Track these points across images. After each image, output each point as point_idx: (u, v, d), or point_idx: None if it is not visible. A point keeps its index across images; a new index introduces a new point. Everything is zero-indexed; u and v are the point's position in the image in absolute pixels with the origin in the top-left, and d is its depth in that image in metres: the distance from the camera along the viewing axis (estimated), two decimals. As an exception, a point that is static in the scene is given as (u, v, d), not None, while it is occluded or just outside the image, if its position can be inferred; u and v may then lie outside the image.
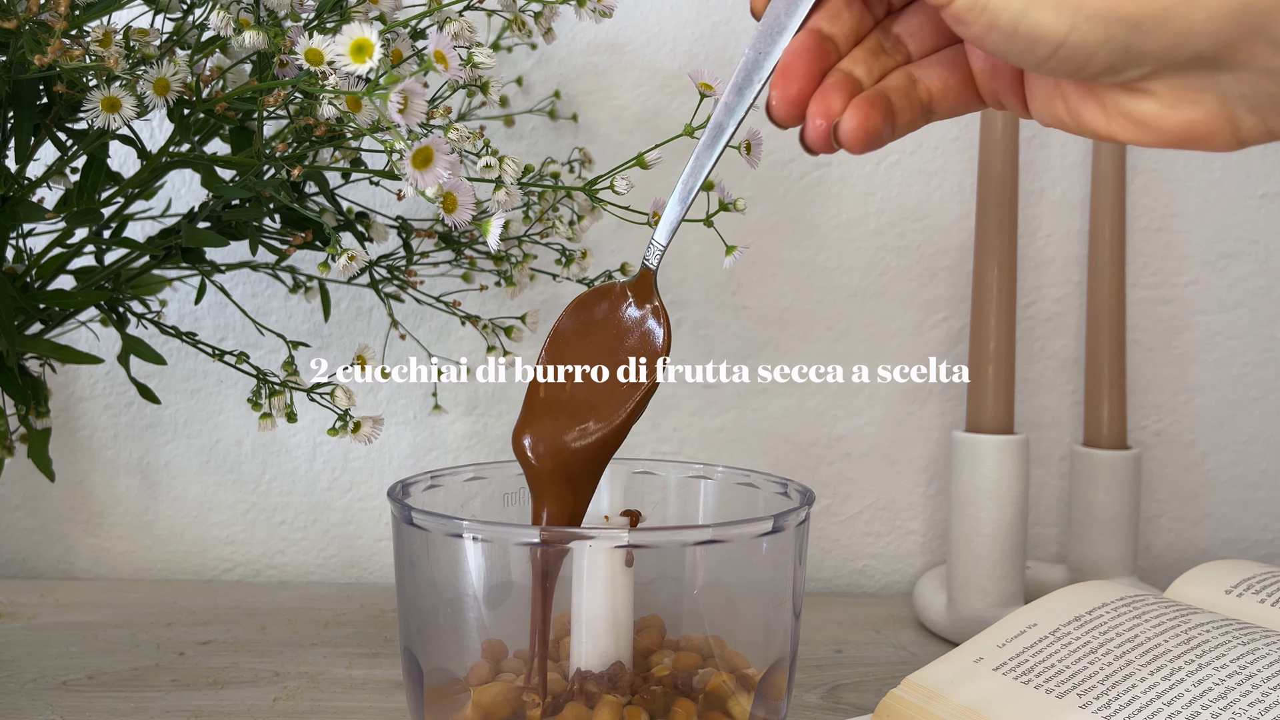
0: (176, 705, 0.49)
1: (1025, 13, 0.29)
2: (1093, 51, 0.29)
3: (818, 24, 0.35)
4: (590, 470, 0.40)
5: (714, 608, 0.41)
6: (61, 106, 0.45)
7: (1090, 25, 0.28)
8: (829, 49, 0.35)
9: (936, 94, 0.36)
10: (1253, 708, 0.37)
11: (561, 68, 0.68)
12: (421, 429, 0.70)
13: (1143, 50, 0.28)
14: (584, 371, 0.41)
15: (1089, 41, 0.29)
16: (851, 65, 0.35)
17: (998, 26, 0.30)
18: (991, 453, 0.59)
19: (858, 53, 0.36)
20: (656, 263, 0.40)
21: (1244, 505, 0.72)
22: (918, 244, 0.70)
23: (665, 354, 0.40)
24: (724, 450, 0.70)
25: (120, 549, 0.70)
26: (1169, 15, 0.28)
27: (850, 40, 0.36)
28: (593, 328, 0.41)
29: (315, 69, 0.38)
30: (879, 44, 0.36)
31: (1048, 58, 0.30)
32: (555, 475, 0.40)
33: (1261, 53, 0.27)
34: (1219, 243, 0.71)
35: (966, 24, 0.31)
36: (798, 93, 0.35)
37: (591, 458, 0.40)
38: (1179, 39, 0.28)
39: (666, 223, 0.39)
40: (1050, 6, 0.29)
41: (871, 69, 0.36)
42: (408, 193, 0.45)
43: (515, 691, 0.39)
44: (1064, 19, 0.29)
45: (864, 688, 0.52)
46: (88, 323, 0.59)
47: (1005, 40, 0.30)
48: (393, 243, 0.61)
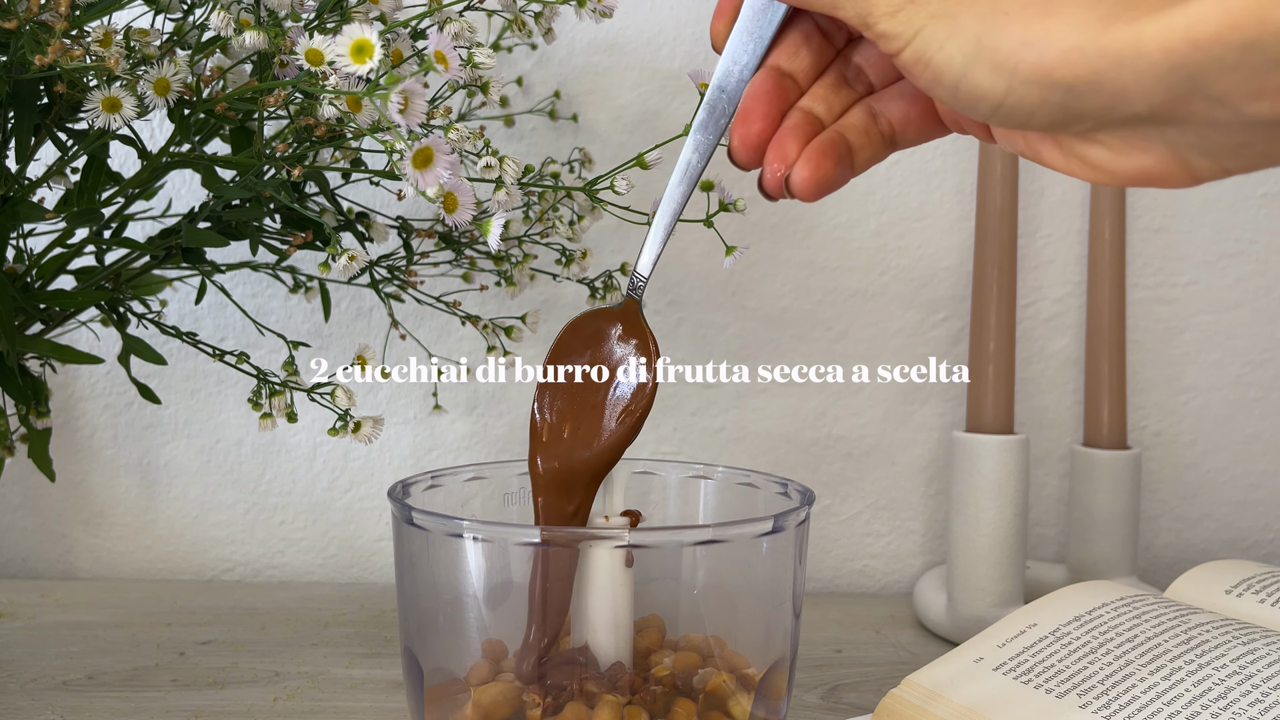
0: (176, 705, 0.49)
1: (964, 74, 0.29)
2: (1032, 111, 0.29)
3: (777, 61, 0.36)
4: (591, 482, 0.42)
5: (714, 608, 0.41)
6: (62, 106, 0.45)
7: (1026, 88, 0.29)
8: (789, 87, 0.36)
9: (898, 125, 0.36)
10: (1253, 708, 0.37)
11: (561, 68, 0.68)
12: (421, 429, 0.70)
13: (1080, 111, 0.28)
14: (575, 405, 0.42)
15: (1027, 102, 0.29)
16: (811, 103, 0.36)
17: (941, 83, 0.30)
18: (991, 453, 0.59)
19: (818, 89, 0.36)
20: (641, 293, 0.41)
21: (1244, 505, 0.72)
22: (918, 244, 0.70)
23: (653, 385, 0.41)
24: (724, 450, 0.70)
25: (120, 549, 0.70)
26: (1101, 79, 0.27)
27: (810, 75, 0.36)
28: (590, 352, 0.43)
29: (315, 69, 0.38)
30: (840, 76, 0.36)
31: (991, 114, 0.30)
32: (553, 486, 0.42)
33: (1199, 109, 0.27)
34: (1219, 243, 0.71)
35: (914, 76, 0.31)
36: (757, 136, 0.35)
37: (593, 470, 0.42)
38: (1114, 101, 0.28)
39: (647, 256, 0.40)
40: (987, 68, 0.29)
41: (832, 105, 0.36)
42: (408, 193, 0.45)
43: (515, 691, 0.39)
44: (1000, 81, 0.29)
45: (864, 688, 0.52)
46: (88, 323, 0.59)
47: (949, 95, 0.30)
48: (393, 243, 0.61)
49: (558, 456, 0.41)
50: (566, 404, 0.42)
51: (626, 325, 0.42)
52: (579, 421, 0.42)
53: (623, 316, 0.42)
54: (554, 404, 0.42)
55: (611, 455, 0.41)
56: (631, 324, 0.42)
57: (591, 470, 0.41)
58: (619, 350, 0.42)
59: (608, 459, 0.41)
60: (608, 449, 0.41)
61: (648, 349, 0.41)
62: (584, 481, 0.42)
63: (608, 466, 0.41)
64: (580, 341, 0.42)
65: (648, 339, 0.42)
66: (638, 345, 0.42)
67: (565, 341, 0.42)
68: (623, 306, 0.42)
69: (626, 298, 0.42)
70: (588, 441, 0.41)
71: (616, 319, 0.42)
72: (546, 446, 0.42)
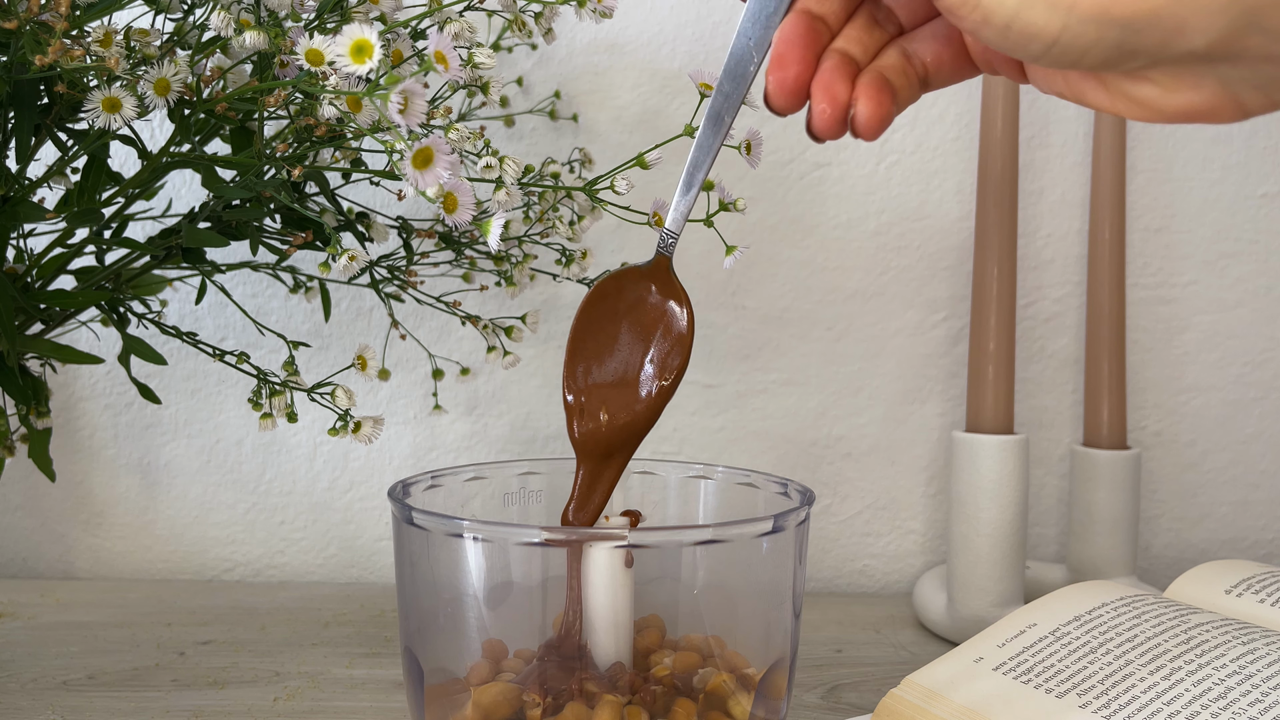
0: (176, 705, 0.49)
1: (1018, 13, 0.29)
2: (1086, 49, 0.29)
3: (806, 4, 0.35)
4: (627, 446, 0.42)
5: (714, 608, 0.41)
6: (62, 106, 0.45)
7: (1083, 26, 0.28)
8: (820, 30, 0.35)
9: (931, 67, 0.35)
10: (1253, 708, 0.37)
11: (561, 68, 0.68)
12: (421, 429, 0.70)
13: (1136, 48, 0.28)
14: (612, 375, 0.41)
15: (1082, 41, 0.29)
16: (845, 44, 0.35)
17: (990, 23, 0.30)
18: (991, 453, 0.59)
19: (849, 30, 0.35)
20: (671, 249, 0.40)
21: (1244, 505, 0.72)
22: (918, 244, 0.70)
23: (690, 336, 0.40)
24: (724, 450, 0.70)
25: (120, 549, 0.70)
26: (1159, 15, 0.27)
27: (840, 18, 0.35)
28: (615, 318, 0.42)
29: (315, 69, 0.38)
30: (870, 18, 0.35)
31: (1042, 54, 0.30)
32: (597, 451, 0.41)
33: (1256, 43, 0.27)
34: (1219, 243, 0.71)
35: (960, 18, 0.31)
36: (795, 80, 0.34)
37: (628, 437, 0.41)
38: (1171, 36, 0.28)
39: (677, 212, 0.39)
40: (1043, 6, 0.29)
41: (866, 46, 0.35)
42: (408, 193, 0.45)
43: (515, 691, 0.39)
44: (1056, 19, 0.29)
45: (864, 688, 0.52)
46: (88, 323, 0.59)
47: (999, 36, 0.30)
48: (393, 243, 0.61)
49: (601, 419, 0.41)
50: (603, 366, 0.41)
51: (658, 283, 0.41)
52: (619, 382, 0.41)
53: (653, 275, 0.41)
54: (590, 368, 0.41)
55: (655, 412, 0.41)
56: (663, 282, 0.41)
57: (638, 430, 0.41)
58: (651, 308, 0.41)
59: (652, 416, 0.41)
60: (652, 406, 0.41)
61: (682, 300, 0.41)
62: (629, 443, 0.41)
63: (650, 425, 0.41)
64: (609, 303, 0.41)
65: (681, 294, 0.41)
66: (673, 300, 0.41)
67: (593, 304, 0.41)
68: (652, 264, 0.41)
69: (656, 255, 0.41)
70: (630, 402, 0.41)
71: (646, 277, 0.41)
72: (587, 411, 0.41)
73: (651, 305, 0.41)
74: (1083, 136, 0.70)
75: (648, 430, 0.41)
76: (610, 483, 0.42)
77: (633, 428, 0.41)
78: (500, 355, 0.56)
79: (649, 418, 0.41)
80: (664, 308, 0.41)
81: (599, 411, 0.41)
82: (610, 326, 0.42)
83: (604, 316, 0.42)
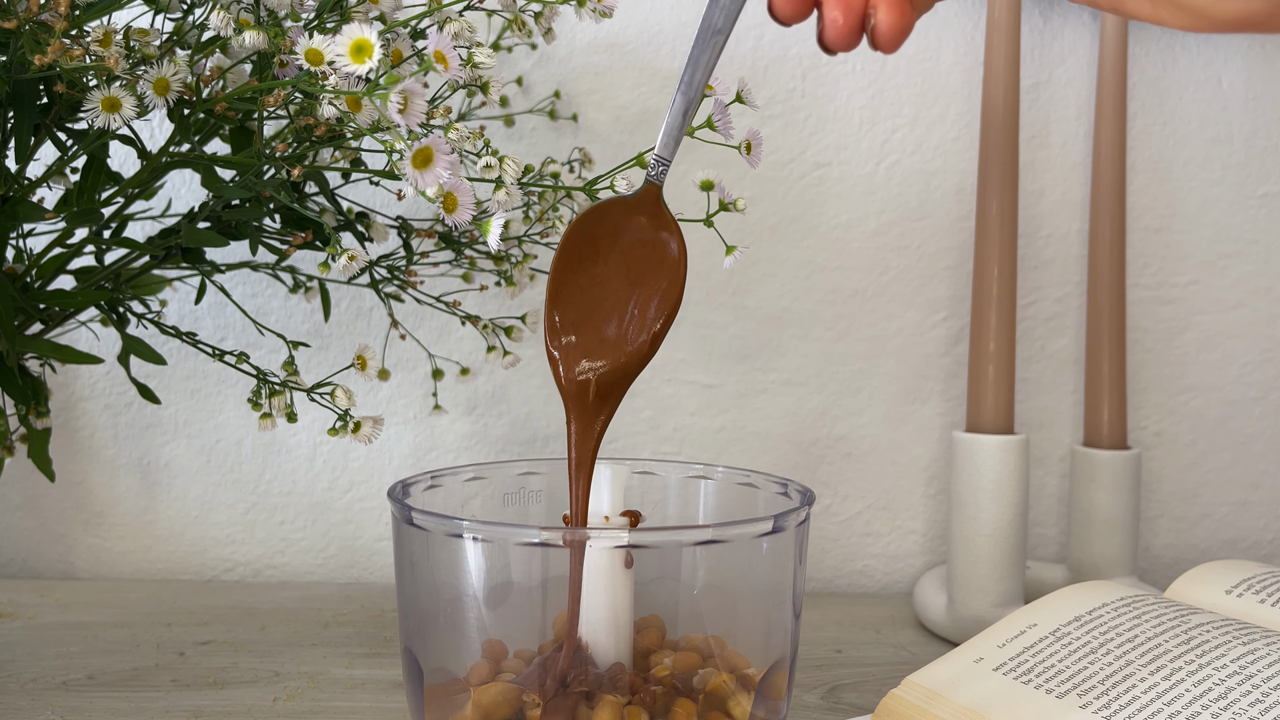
0: (176, 705, 0.49)
1: None
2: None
3: None
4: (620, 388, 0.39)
5: (714, 608, 0.41)
6: (61, 106, 0.45)
7: None
8: None
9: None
10: (1253, 708, 0.37)
11: (561, 68, 0.68)
12: (421, 429, 0.70)
13: None
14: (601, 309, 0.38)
15: None
16: None
17: None
18: (991, 453, 0.59)
19: None
20: (662, 178, 0.37)
21: (1244, 505, 0.72)
22: (918, 244, 0.70)
23: (683, 270, 0.37)
24: (724, 450, 0.70)
25: (120, 549, 0.70)
26: None
27: None
28: (600, 253, 0.38)
29: (315, 69, 0.38)
30: None
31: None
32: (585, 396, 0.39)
33: None
34: (1219, 243, 0.71)
35: None
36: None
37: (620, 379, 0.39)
38: None
39: (667, 136, 0.36)
40: None
41: None
42: (408, 193, 0.45)
43: (515, 691, 0.39)
44: None
45: (864, 688, 0.52)
46: (88, 323, 0.59)
47: None
48: (393, 243, 0.61)
49: (590, 367, 0.38)
50: (589, 307, 0.38)
51: (648, 215, 0.38)
52: (607, 324, 0.38)
53: (641, 206, 0.38)
54: (575, 310, 0.38)
55: (649, 355, 0.38)
56: (653, 213, 0.38)
57: (631, 373, 0.38)
58: (641, 241, 0.38)
59: (645, 359, 0.38)
60: (644, 350, 0.38)
61: (675, 232, 0.37)
62: (621, 385, 0.38)
63: (644, 366, 0.38)
64: (593, 237, 0.38)
65: (674, 226, 0.37)
66: (665, 232, 0.37)
67: (575, 239, 0.38)
68: (640, 194, 0.38)
69: (645, 184, 0.38)
70: (620, 345, 0.38)
71: (634, 209, 0.38)
72: (574, 359, 0.38)
73: (641, 238, 0.38)
74: (1083, 136, 0.70)
75: (641, 370, 0.38)
76: (605, 424, 0.39)
77: (625, 370, 0.38)
78: (500, 355, 0.56)
79: (641, 361, 0.38)
80: (655, 240, 0.38)
81: (587, 358, 0.38)
82: (595, 263, 0.38)
83: (588, 252, 0.38)
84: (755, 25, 0.68)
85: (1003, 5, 0.61)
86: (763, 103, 0.68)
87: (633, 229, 0.38)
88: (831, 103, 0.69)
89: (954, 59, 0.69)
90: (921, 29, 0.69)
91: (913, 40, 0.69)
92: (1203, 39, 0.70)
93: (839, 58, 0.69)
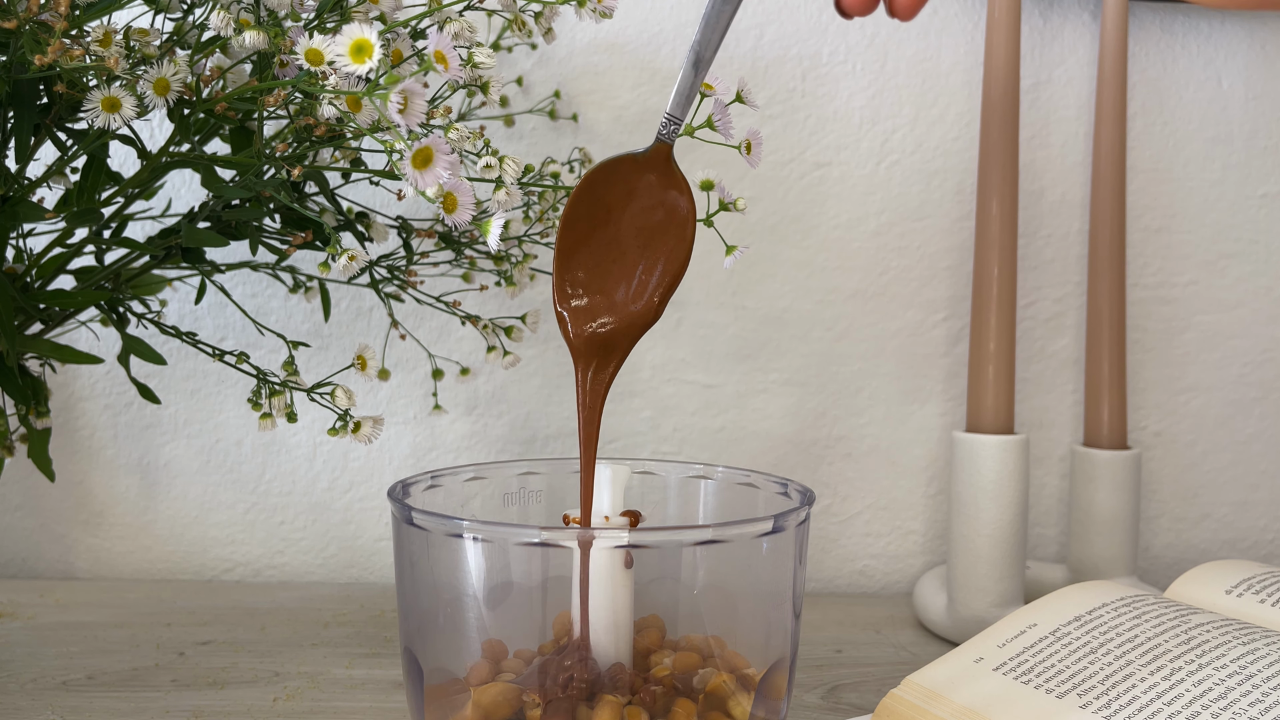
0: (176, 705, 0.49)
1: None
2: None
3: None
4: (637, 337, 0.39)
5: (714, 608, 0.41)
6: (61, 106, 0.45)
7: None
8: None
9: None
10: (1253, 708, 0.37)
11: (561, 68, 0.68)
12: (421, 429, 0.70)
13: None
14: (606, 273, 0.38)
15: None
16: None
17: None
18: (991, 453, 0.59)
19: None
20: (673, 137, 0.37)
21: (1244, 505, 0.72)
22: (918, 244, 0.70)
23: (692, 228, 0.37)
24: (724, 450, 0.70)
25: (120, 549, 0.70)
26: None
27: None
28: (608, 211, 0.38)
29: (315, 69, 0.38)
30: None
31: None
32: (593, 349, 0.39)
33: None
34: (1219, 243, 0.71)
35: None
36: None
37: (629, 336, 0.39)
38: None
39: (679, 95, 0.36)
40: None
41: None
42: (408, 193, 0.45)
43: (515, 691, 0.39)
44: None
45: (864, 688, 0.52)
46: (88, 323, 0.59)
47: None
48: (393, 243, 0.61)
49: (598, 326, 0.38)
50: (597, 264, 0.38)
51: (658, 173, 0.38)
52: (615, 282, 0.38)
53: (651, 163, 0.38)
54: (583, 268, 0.38)
55: (657, 314, 0.38)
56: (663, 171, 0.38)
57: (640, 329, 0.38)
58: (650, 200, 0.38)
59: (653, 318, 0.38)
60: (652, 308, 0.38)
61: (684, 191, 0.37)
62: (630, 339, 0.38)
63: (654, 319, 0.38)
64: (601, 195, 0.38)
65: (683, 185, 0.37)
66: (672, 190, 0.37)
67: (583, 196, 0.38)
68: (650, 151, 0.38)
69: (655, 142, 0.38)
70: (627, 303, 0.38)
71: (643, 167, 0.38)
72: (583, 318, 0.38)
73: (650, 196, 0.38)
74: (1083, 136, 0.70)
75: (650, 326, 0.39)
76: (613, 375, 0.39)
77: (633, 329, 0.38)
78: (500, 355, 0.56)
79: (648, 319, 0.38)
80: (664, 198, 0.38)
81: (595, 318, 0.38)
82: (603, 221, 0.38)
83: (596, 210, 0.38)
84: (755, 25, 0.68)
85: (1003, 5, 0.61)
86: (763, 103, 0.68)
87: (642, 187, 0.38)
88: (831, 103, 0.69)
89: (954, 59, 0.69)
90: (921, 29, 0.69)
91: (913, 40, 0.69)
92: (1203, 39, 0.70)
93: (839, 58, 0.69)
